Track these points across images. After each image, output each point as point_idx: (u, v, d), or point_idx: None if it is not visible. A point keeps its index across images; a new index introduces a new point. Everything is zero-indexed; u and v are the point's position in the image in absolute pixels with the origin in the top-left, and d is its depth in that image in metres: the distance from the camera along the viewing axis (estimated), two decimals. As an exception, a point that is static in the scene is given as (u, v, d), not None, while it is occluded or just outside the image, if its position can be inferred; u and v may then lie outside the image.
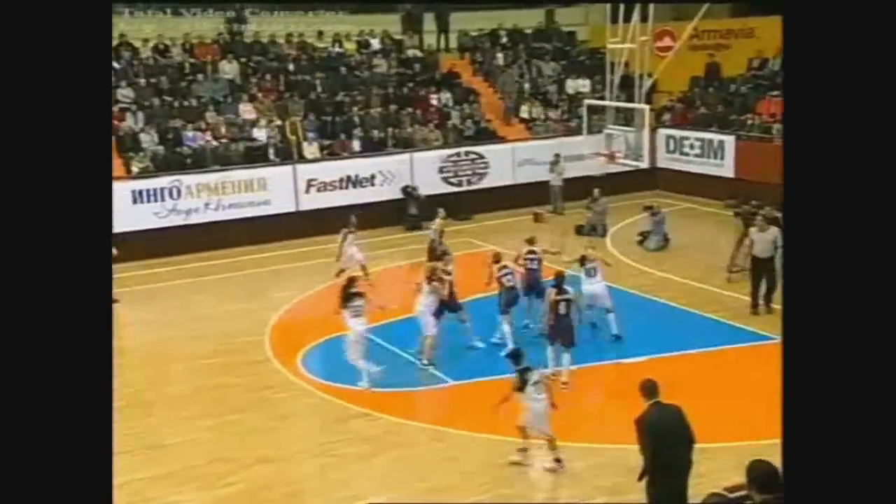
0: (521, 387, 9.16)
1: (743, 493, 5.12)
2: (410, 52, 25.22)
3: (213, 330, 14.36)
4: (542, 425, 9.23)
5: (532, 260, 13.15)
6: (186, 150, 20.15)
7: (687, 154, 23.24)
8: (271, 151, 20.72)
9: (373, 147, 21.71)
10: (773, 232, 13.66)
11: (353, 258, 16.08)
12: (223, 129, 20.94)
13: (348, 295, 11.65)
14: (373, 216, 20.31)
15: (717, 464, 7.94)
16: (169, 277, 17.17)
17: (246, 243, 19.17)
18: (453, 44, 26.30)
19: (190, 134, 20.46)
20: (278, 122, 21.49)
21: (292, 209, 20.24)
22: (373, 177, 21.09)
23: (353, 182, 20.91)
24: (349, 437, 10.25)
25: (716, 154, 22.44)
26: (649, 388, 7.21)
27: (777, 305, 13.47)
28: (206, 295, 16.48)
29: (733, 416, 10.17)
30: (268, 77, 22.75)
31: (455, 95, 24.01)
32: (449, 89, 24.12)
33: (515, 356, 9.54)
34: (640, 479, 7.14)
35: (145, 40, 22.33)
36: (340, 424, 10.61)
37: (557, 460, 9.22)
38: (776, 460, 5.04)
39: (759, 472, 4.78)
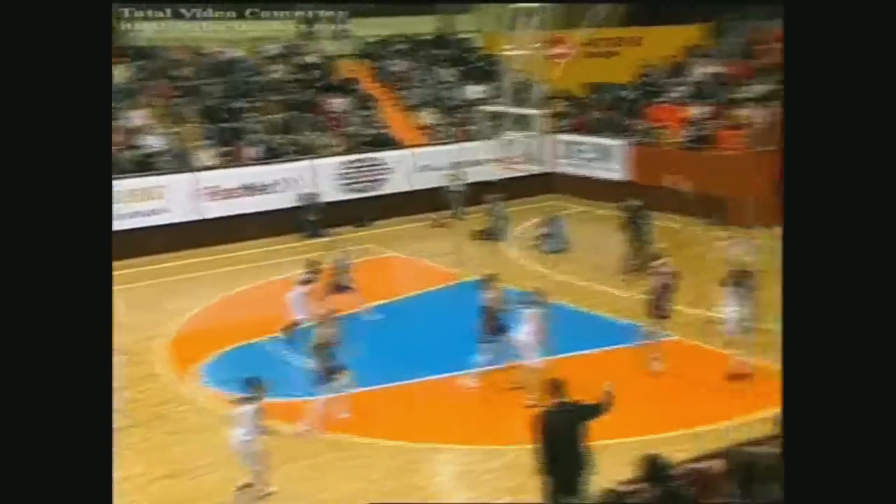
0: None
1: (637, 486, 5.31)
2: (307, 58, 25.03)
3: (107, 345, 13.88)
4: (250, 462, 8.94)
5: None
6: (75, 159, 19.39)
7: (581, 158, 23.88)
8: (165, 159, 20.17)
9: (271, 154, 21.44)
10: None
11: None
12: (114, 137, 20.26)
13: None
14: (273, 223, 20.14)
15: (614, 459, 8.19)
16: (58, 291, 16.50)
17: (142, 254, 18.60)
18: (351, 50, 26.23)
19: (78, 142, 19.69)
20: (173, 129, 20.94)
21: (191, 218, 19.77)
22: (272, 184, 20.83)
23: (251, 190, 20.60)
24: (252, 450, 10.09)
25: (608, 158, 23.14)
26: (553, 387, 7.44)
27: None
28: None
29: (630, 413, 10.49)
30: (160, 82, 22.14)
31: (354, 101, 23.97)
32: (348, 95, 24.06)
33: (248, 382, 8.99)
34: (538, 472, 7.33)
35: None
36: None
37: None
38: (668, 453, 5.28)
39: (650, 465, 4.96)
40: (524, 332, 11.29)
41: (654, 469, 4.88)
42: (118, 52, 22.46)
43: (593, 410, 7.29)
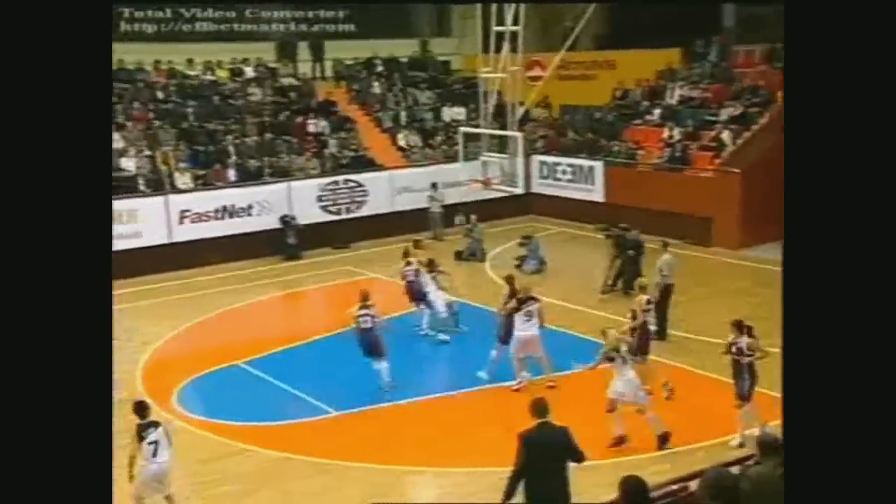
0: (139, 440, 8.53)
1: (618, 508, 5.27)
2: (286, 81, 25.04)
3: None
4: (160, 487, 8.69)
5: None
6: (49, 182, 19.18)
7: (559, 179, 23.98)
8: (141, 182, 20.04)
9: (249, 176, 21.36)
10: (663, 259, 14.18)
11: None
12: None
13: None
14: (250, 247, 20.02)
15: (597, 479, 8.17)
16: (31, 316, 16.26)
17: (116, 277, 18.29)
18: (328, 72, 26.29)
19: (53, 165, 19.50)
20: (148, 152, 20.83)
21: (165, 241, 19.60)
22: (249, 207, 20.70)
23: (229, 212, 20.48)
24: (223, 476, 9.94)
25: (586, 179, 23.26)
26: (538, 408, 7.38)
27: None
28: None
29: (611, 432, 10.49)
30: (136, 105, 22.04)
31: (332, 123, 23.97)
32: (325, 117, 24.07)
33: (139, 408, 8.75)
34: (506, 497, 7.25)
35: None
36: (214, 463, 10.28)
37: None
38: (645, 475, 5.26)
39: (629, 488, 4.94)
40: (531, 325, 12.14)
41: (632, 491, 4.85)
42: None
43: (576, 454, 7.26)
